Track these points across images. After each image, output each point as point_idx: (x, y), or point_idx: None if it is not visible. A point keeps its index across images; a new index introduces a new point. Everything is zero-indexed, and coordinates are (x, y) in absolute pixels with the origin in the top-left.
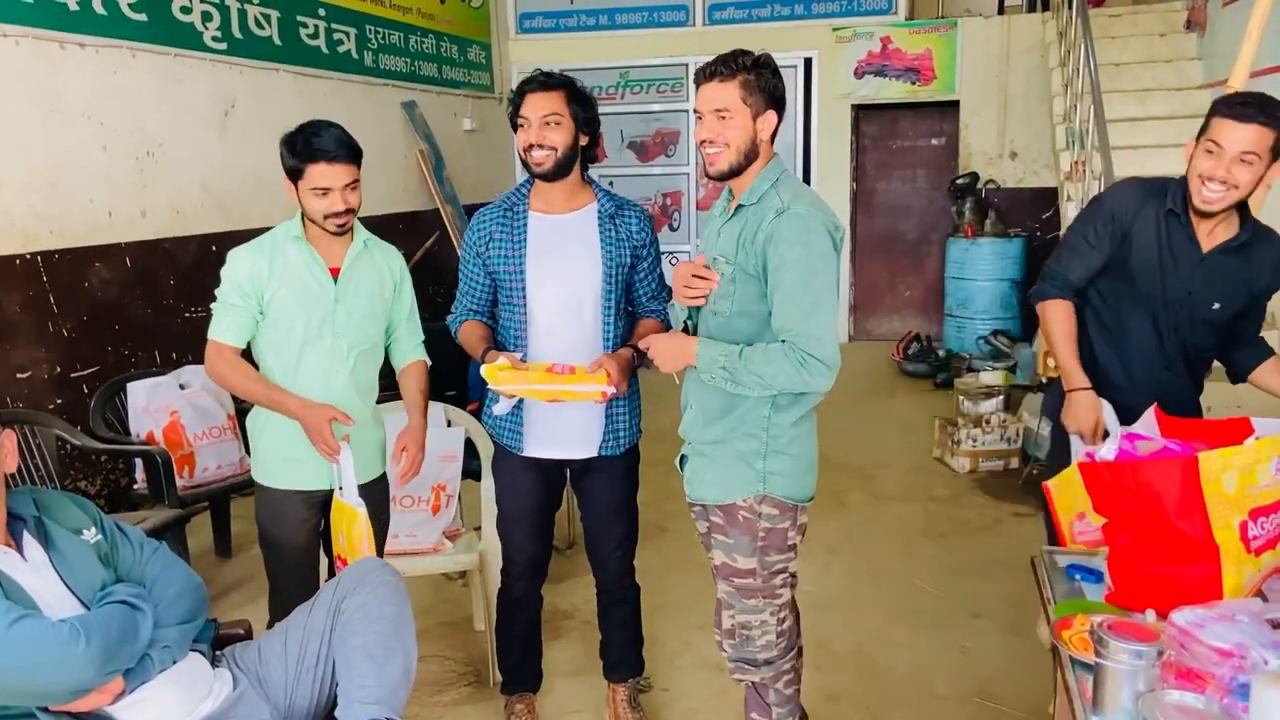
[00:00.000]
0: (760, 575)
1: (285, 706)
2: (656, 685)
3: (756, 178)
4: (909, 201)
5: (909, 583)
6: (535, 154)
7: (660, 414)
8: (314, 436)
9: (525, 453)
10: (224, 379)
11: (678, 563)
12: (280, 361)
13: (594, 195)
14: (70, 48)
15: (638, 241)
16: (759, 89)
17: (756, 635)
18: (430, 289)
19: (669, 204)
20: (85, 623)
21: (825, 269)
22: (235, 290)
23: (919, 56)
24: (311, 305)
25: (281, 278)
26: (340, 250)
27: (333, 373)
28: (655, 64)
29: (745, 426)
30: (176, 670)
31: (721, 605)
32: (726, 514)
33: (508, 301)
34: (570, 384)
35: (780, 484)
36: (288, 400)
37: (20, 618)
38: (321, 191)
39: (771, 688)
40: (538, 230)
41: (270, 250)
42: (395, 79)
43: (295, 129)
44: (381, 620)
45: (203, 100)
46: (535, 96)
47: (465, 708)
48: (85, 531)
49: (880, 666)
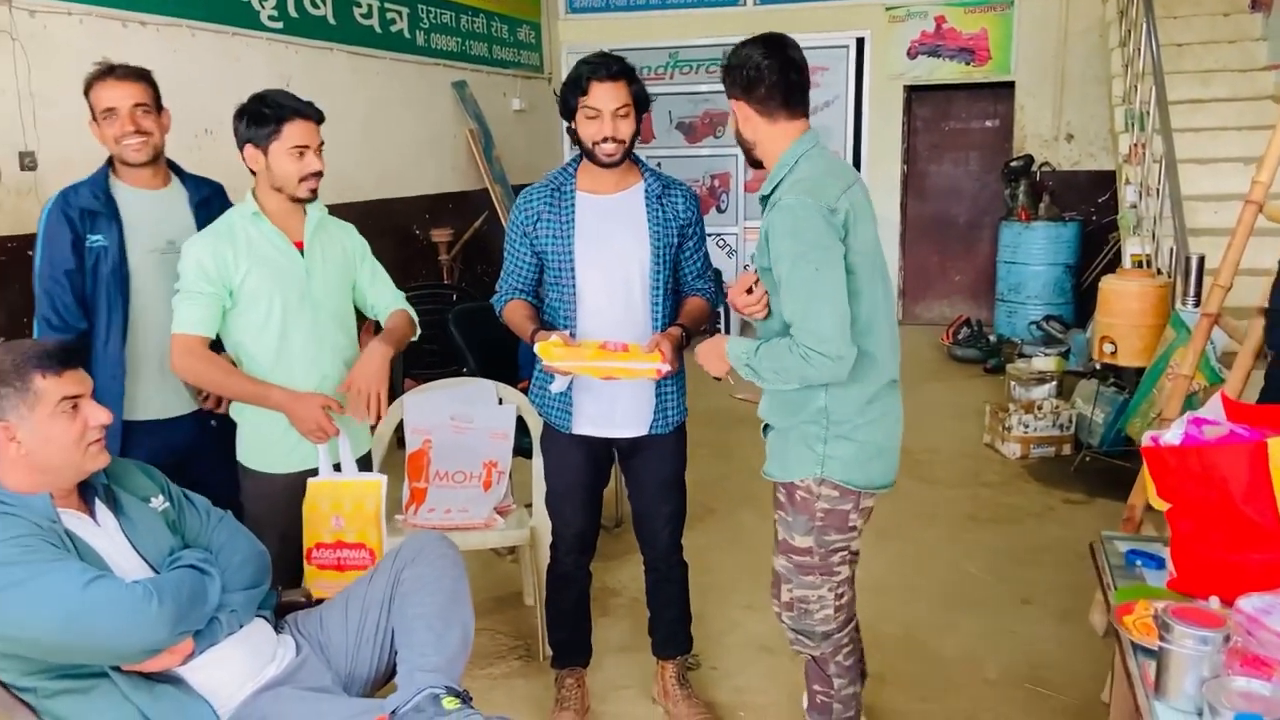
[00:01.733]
0: (816, 554)
1: (346, 673)
2: (705, 663)
3: (775, 164)
4: (961, 185)
5: (958, 568)
6: (607, 146)
7: (701, 397)
8: (306, 427)
9: (574, 431)
10: (199, 374)
11: (724, 543)
12: (263, 345)
13: (641, 174)
14: (132, 25)
15: (684, 220)
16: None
17: (815, 609)
18: (479, 268)
19: (717, 185)
20: (158, 584)
21: (819, 256)
22: (201, 278)
23: (974, 36)
24: (286, 282)
25: (250, 260)
26: (298, 224)
27: (320, 347)
28: (705, 44)
29: (805, 413)
30: (243, 634)
31: (780, 579)
32: (786, 491)
33: (556, 281)
34: (625, 361)
35: (839, 468)
36: (272, 393)
37: (96, 578)
38: (299, 151)
39: (831, 660)
40: (586, 210)
41: (230, 234)
42: (446, 58)
43: (249, 100)
44: (440, 592)
45: (259, 79)
46: (606, 87)
47: (516, 680)
48: (153, 499)
49: (930, 650)
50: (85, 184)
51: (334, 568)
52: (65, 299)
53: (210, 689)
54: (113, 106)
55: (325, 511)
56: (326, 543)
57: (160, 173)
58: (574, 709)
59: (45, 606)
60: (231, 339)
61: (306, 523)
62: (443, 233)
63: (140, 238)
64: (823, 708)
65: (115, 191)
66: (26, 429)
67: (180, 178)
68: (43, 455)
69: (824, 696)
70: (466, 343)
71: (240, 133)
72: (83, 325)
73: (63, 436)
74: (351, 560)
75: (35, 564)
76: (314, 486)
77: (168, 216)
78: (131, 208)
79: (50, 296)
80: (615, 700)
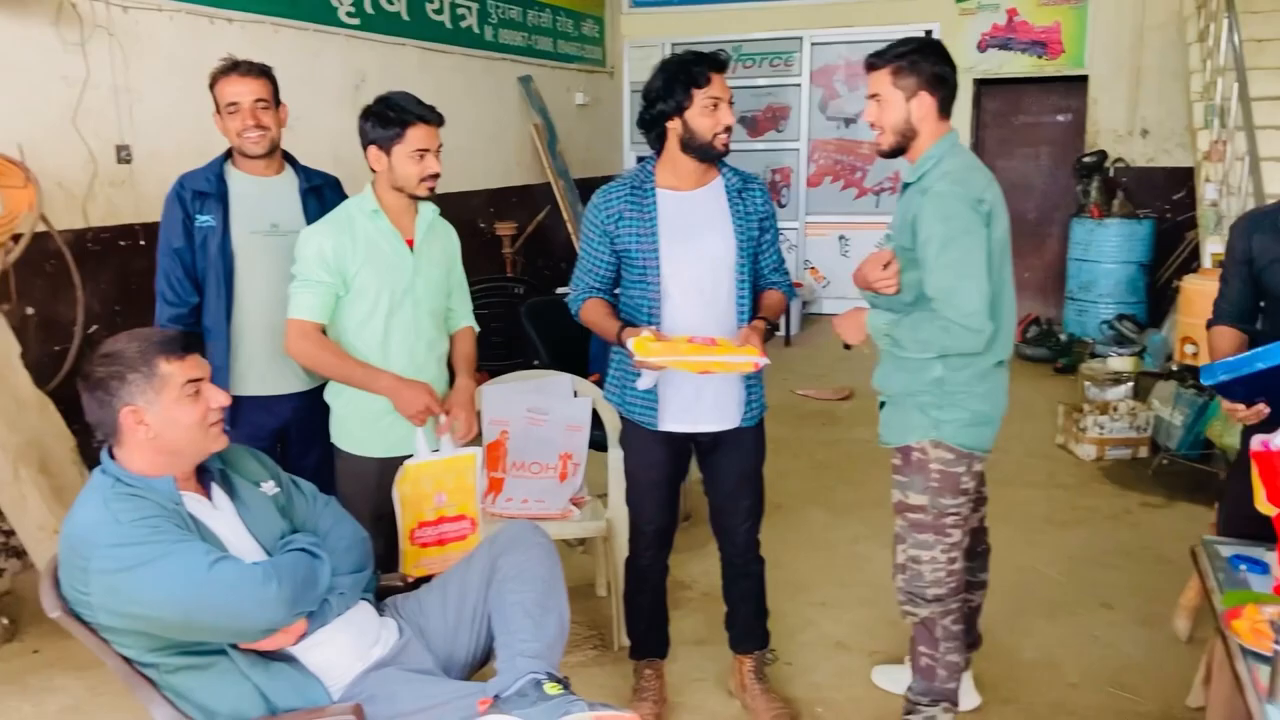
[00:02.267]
0: (930, 513)
1: (445, 656)
2: (780, 659)
3: (921, 156)
4: (1031, 180)
5: (1034, 570)
6: (723, 139)
7: (772, 394)
8: (412, 409)
9: (661, 428)
10: (314, 357)
11: (796, 540)
12: (365, 336)
13: (719, 170)
14: (219, 22)
15: (763, 214)
16: (910, 73)
17: (926, 571)
18: (539, 262)
19: (778, 180)
20: (275, 566)
21: (968, 241)
22: (320, 266)
23: (1047, 29)
24: (394, 278)
25: (365, 253)
26: (411, 221)
27: (416, 341)
28: (768, 38)
29: (920, 383)
30: (349, 616)
31: (897, 539)
32: (902, 454)
33: (640, 279)
34: (722, 355)
35: (952, 431)
36: (381, 378)
37: (220, 559)
38: (420, 154)
39: (939, 624)
40: (668, 207)
41: (350, 227)
42: (513, 53)
43: (375, 101)
44: (537, 579)
45: (336, 74)
46: (721, 77)
47: (592, 669)
48: (264, 484)
49: (1008, 651)
50: (203, 169)
51: (435, 543)
52: (177, 273)
53: (322, 668)
54: (236, 101)
55: (428, 490)
56: (429, 520)
57: (274, 163)
58: (652, 699)
59: (172, 585)
60: (335, 327)
61: (407, 504)
62: (506, 226)
63: (244, 219)
64: (927, 671)
65: (228, 176)
66: (154, 412)
67: (294, 167)
68: (169, 437)
69: (929, 659)
70: (539, 336)
71: (365, 133)
72: (194, 300)
73: (187, 418)
74: (452, 532)
75: (163, 544)
76: (413, 469)
77: (274, 200)
78: (239, 191)
79: (165, 273)
80: (691, 692)
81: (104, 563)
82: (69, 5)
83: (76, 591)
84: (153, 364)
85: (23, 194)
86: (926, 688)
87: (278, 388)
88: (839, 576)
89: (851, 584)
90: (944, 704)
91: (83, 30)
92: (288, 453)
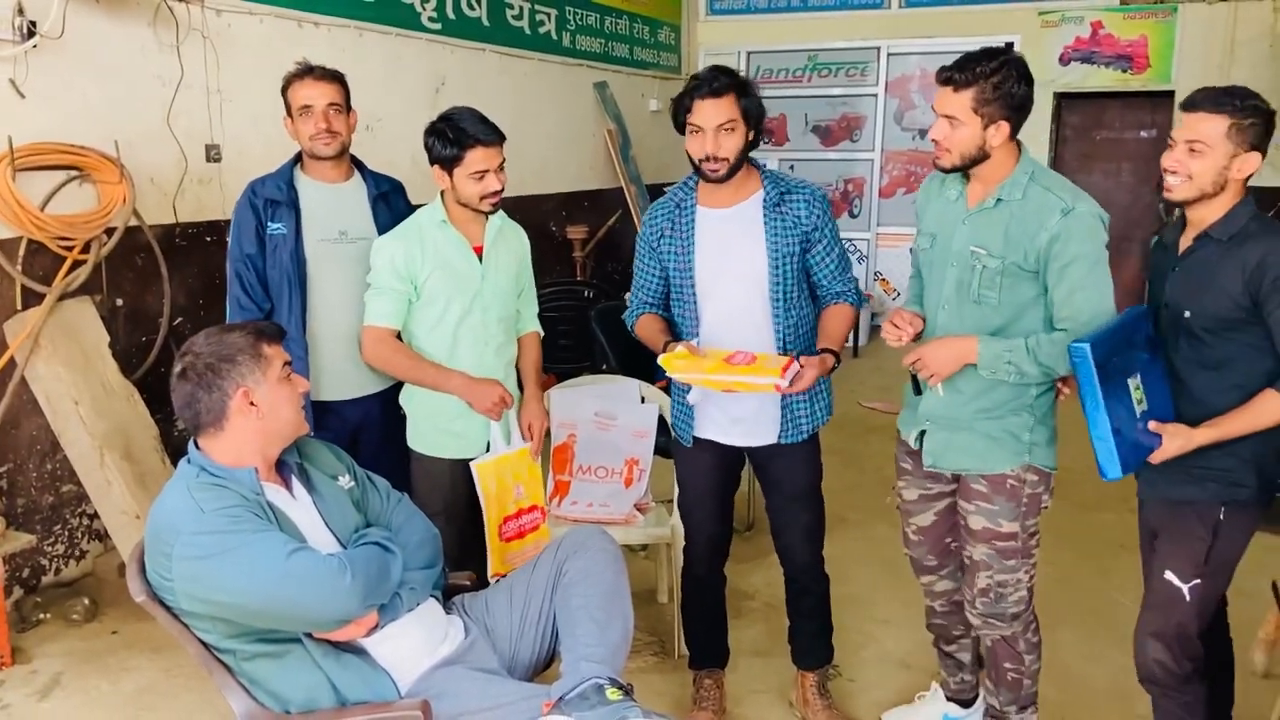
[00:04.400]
0: (1020, 538)
1: (509, 656)
2: (843, 675)
3: (1010, 178)
4: (1112, 197)
5: (1107, 596)
6: (708, 165)
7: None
8: (485, 405)
9: (698, 435)
10: (389, 361)
11: (860, 555)
12: (435, 340)
13: (760, 183)
14: (307, 26)
15: (807, 225)
16: (993, 101)
17: (1010, 593)
18: (609, 266)
19: (850, 190)
20: (350, 558)
21: (1104, 260)
22: (392, 275)
23: (1132, 43)
24: (462, 286)
25: (433, 261)
26: (480, 230)
27: (484, 347)
28: (845, 47)
29: (1012, 404)
30: (419, 612)
31: (978, 567)
32: (992, 483)
33: (679, 298)
34: (744, 375)
35: (1041, 454)
36: (452, 378)
37: (297, 549)
38: (479, 175)
39: (1021, 637)
40: (705, 226)
41: (419, 236)
42: (589, 59)
43: (438, 119)
44: (602, 584)
45: (417, 78)
46: (707, 104)
47: (652, 676)
48: (340, 478)
49: (1076, 678)
50: (273, 176)
51: (517, 536)
52: (250, 279)
53: (392, 662)
54: (309, 104)
55: (509, 484)
56: (511, 514)
57: (343, 168)
58: (711, 709)
59: (251, 572)
60: (407, 331)
61: (492, 501)
62: (578, 230)
63: (315, 227)
64: (1014, 684)
65: (298, 183)
66: (261, 392)
67: (362, 173)
68: (274, 418)
69: (1015, 673)
70: (608, 340)
71: (430, 150)
72: (267, 306)
73: (289, 399)
74: (529, 524)
75: (243, 534)
76: (486, 466)
77: (343, 208)
78: (310, 199)
79: (239, 278)
80: (751, 704)
81: (186, 549)
82: (165, 8)
83: (160, 576)
84: (258, 347)
85: (117, 189)
86: (1014, 698)
87: (348, 392)
88: (903, 594)
89: (914, 602)
90: (1030, 708)
91: (178, 32)
92: (359, 455)
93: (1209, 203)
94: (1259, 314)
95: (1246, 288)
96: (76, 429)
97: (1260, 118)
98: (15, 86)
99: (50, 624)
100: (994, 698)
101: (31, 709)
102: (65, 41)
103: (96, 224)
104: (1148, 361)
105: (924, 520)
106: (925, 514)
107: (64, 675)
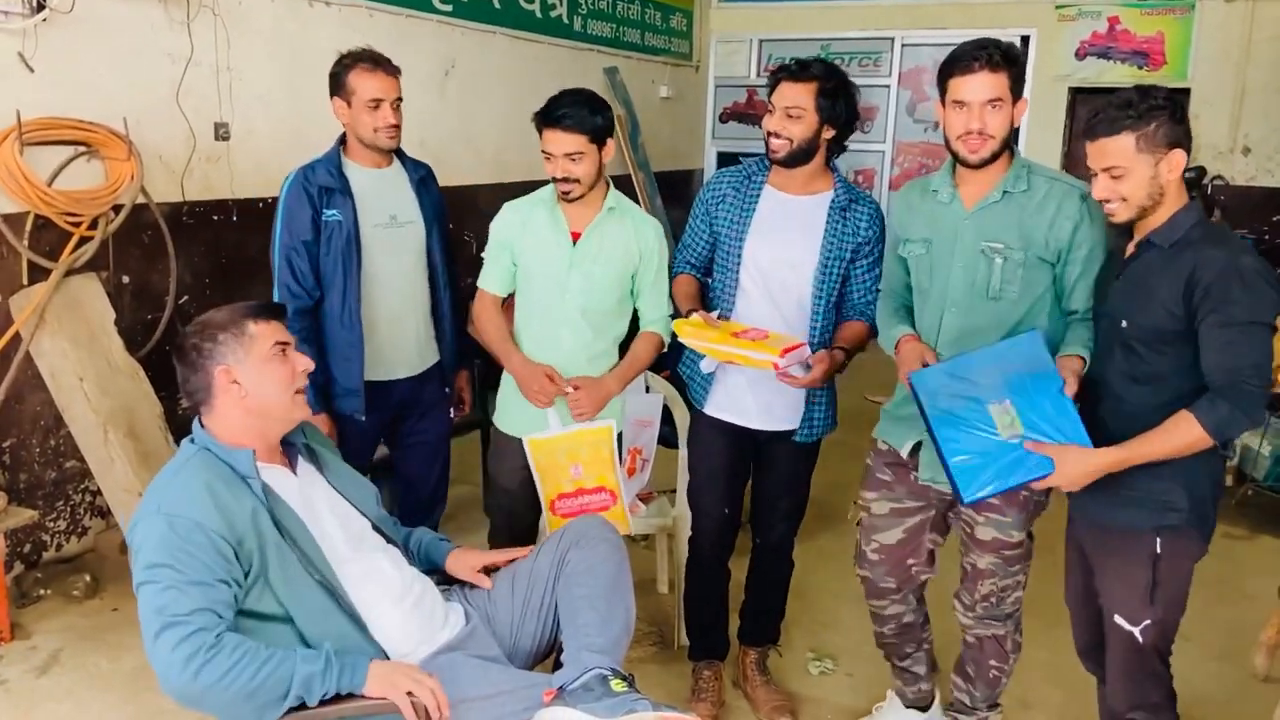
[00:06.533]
0: (1025, 544)
1: (510, 645)
2: (842, 669)
3: (1013, 165)
4: None
5: None
6: (772, 141)
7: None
8: (528, 390)
9: (707, 411)
10: (480, 324)
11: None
12: (521, 317)
13: (832, 184)
14: (317, 5)
15: (863, 238)
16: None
17: (1009, 595)
18: None
19: (860, 182)
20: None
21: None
22: (495, 241)
23: (1149, 39)
24: (549, 265)
25: (530, 236)
26: (589, 215)
27: (560, 333)
28: (857, 37)
29: None
30: (420, 598)
31: (983, 575)
32: (1004, 497)
33: (723, 264)
34: (746, 349)
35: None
36: (513, 356)
37: (168, 626)
38: (547, 156)
39: (1010, 637)
40: (768, 205)
41: (529, 210)
42: (600, 44)
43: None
44: (604, 575)
45: (427, 60)
46: (786, 86)
47: (650, 666)
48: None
49: (1076, 678)
50: (321, 163)
51: (577, 513)
52: (303, 267)
53: (391, 648)
54: (380, 98)
55: (563, 462)
56: (568, 492)
57: (387, 154)
58: (710, 700)
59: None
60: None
61: (545, 476)
62: None
63: (369, 213)
64: (994, 681)
65: (347, 170)
66: (244, 370)
67: (400, 159)
68: (259, 397)
69: (998, 670)
70: None
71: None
72: (318, 294)
73: (277, 378)
74: (594, 504)
75: (161, 582)
76: (542, 443)
77: (391, 193)
78: (362, 185)
79: (290, 265)
80: None
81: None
82: None
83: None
84: (242, 325)
85: (125, 166)
86: (990, 694)
87: (400, 371)
88: None
89: None
90: (997, 707)
91: (189, 9)
92: (402, 428)
93: (1155, 211)
94: (1193, 327)
95: (1182, 299)
96: (81, 405)
97: (1162, 114)
98: (24, 60)
99: (50, 600)
100: (966, 695)
101: (30, 685)
102: (75, 15)
103: (104, 200)
104: (1054, 387)
105: (889, 538)
106: (892, 531)
107: (63, 652)
